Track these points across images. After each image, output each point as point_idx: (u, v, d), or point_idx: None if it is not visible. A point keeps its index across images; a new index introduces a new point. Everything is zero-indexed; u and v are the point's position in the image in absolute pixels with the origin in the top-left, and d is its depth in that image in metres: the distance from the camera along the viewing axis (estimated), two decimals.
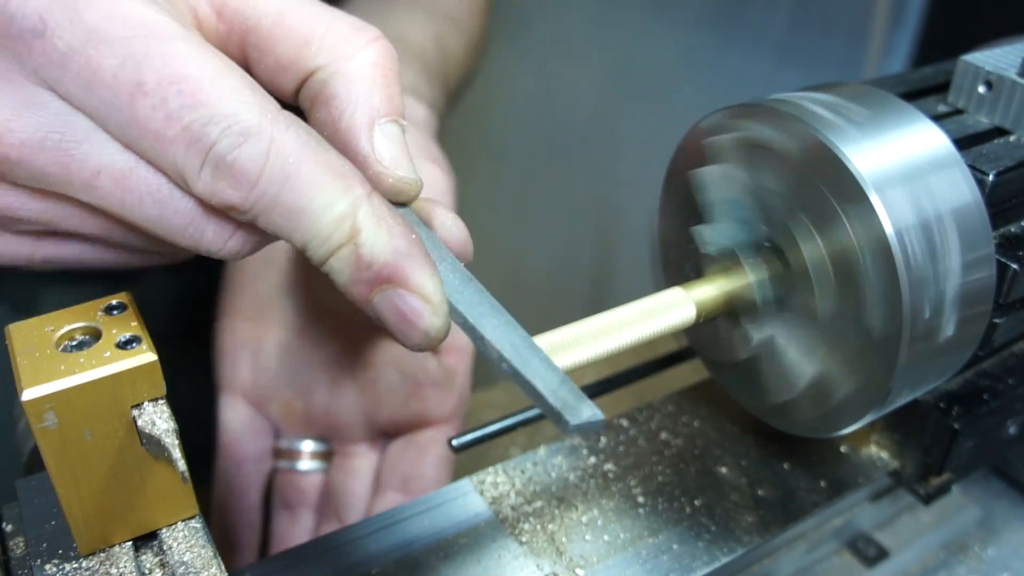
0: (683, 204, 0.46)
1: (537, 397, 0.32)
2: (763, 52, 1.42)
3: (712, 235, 0.44)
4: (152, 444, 0.35)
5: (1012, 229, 0.44)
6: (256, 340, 0.60)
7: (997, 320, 0.42)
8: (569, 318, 0.39)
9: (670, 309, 0.41)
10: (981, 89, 0.45)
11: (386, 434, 0.60)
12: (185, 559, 0.37)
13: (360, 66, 0.37)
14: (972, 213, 0.39)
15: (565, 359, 0.38)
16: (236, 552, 0.60)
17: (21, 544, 0.40)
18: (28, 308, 0.72)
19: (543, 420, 0.50)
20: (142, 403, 0.35)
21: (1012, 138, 0.44)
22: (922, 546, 0.55)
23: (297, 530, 0.60)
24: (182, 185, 0.33)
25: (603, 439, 0.51)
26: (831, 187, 0.38)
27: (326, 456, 0.61)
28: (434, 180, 0.52)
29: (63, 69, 0.32)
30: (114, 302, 0.36)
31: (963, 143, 0.43)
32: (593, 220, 1.79)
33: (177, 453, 0.34)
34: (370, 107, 0.37)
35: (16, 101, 0.33)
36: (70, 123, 0.33)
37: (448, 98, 0.75)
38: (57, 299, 0.75)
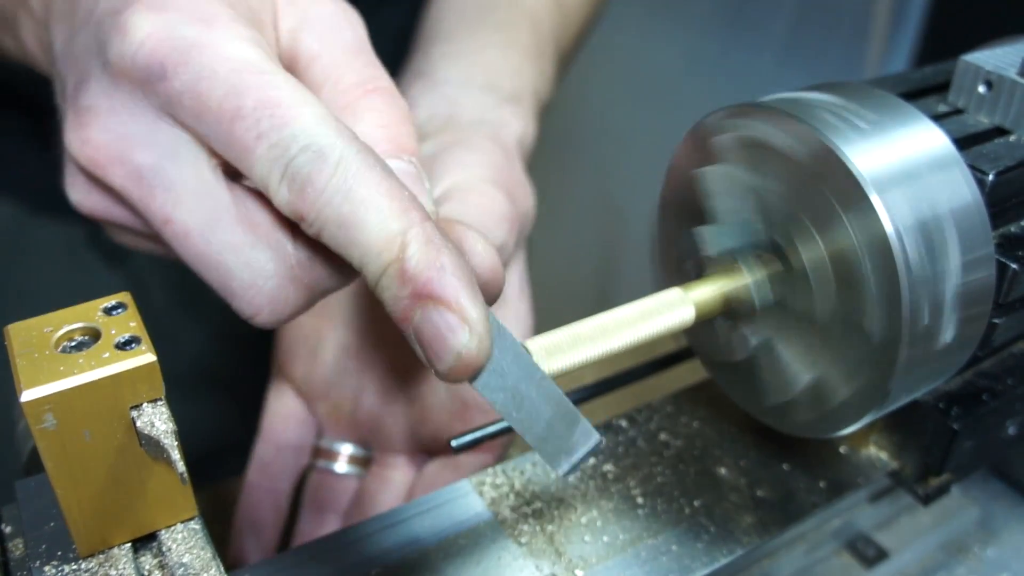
0: (683, 203, 0.46)
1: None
2: (767, 52, 1.42)
3: (713, 236, 0.44)
4: (151, 445, 0.35)
5: (1012, 229, 0.44)
6: (316, 336, 0.60)
7: (997, 320, 0.42)
8: (573, 317, 0.39)
9: (669, 309, 0.41)
10: (981, 89, 0.45)
11: (427, 451, 0.60)
12: (184, 560, 0.37)
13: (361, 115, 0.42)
14: (972, 213, 0.39)
15: (564, 360, 0.38)
16: (257, 534, 0.61)
17: (20, 545, 0.40)
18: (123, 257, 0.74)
19: None
20: (141, 404, 0.35)
21: (1012, 138, 0.44)
22: (921, 547, 0.55)
23: (322, 532, 0.60)
24: (264, 193, 0.38)
25: (602, 439, 0.51)
26: (831, 187, 0.38)
27: (364, 463, 0.61)
28: (489, 205, 0.52)
29: (179, 103, 0.38)
30: (113, 302, 0.36)
31: (963, 143, 0.43)
32: (597, 219, 1.79)
33: (176, 454, 0.34)
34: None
35: (143, 127, 0.39)
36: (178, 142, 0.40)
37: (562, 60, 0.74)
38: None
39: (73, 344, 0.35)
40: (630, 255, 1.75)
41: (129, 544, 0.38)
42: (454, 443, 0.47)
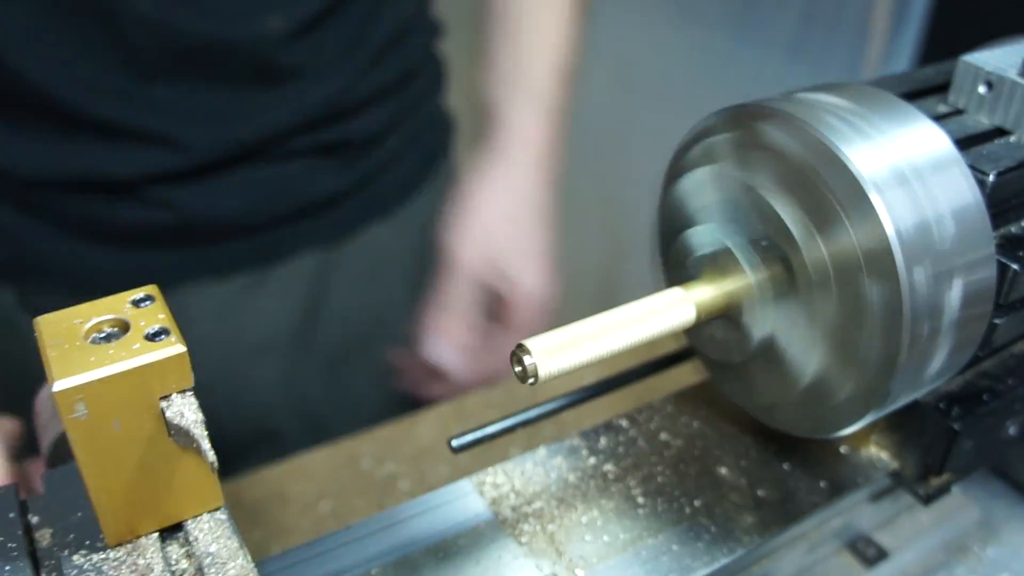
0: (684, 204, 0.46)
1: None
2: (773, 51, 1.42)
3: (709, 237, 0.44)
4: (180, 435, 0.35)
5: (1012, 229, 0.44)
6: None
7: (997, 320, 0.42)
8: (573, 317, 0.39)
9: (670, 309, 0.41)
10: (981, 89, 0.45)
11: None
12: (212, 550, 0.38)
13: None
14: (972, 213, 0.39)
15: (565, 360, 0.38)
16: None
17: (47, 536, 0.40)
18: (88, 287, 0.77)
19: (543, 420, 0.50)
20: (170, 395, 0.35)
21: (1012, 138, 0.44)
22: (922, 547, 0.55)
23: None
24: None
25: (603, 440, 0.51)
26: (831, 188, 0.38)
27: None
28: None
29: None
30: (142, 295, 0.37)
31: (963, 143, 0.43)
32: (602, 219, 1.79)
33: (206, 444, 0.35)
34: None
35: None
36: None
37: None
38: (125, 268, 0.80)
39: (102, 336, 0.35)
40: (631, 255, 1.75)
41: (156, 534, 0.39)
42: (454, 443, 0.47)
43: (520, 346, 0.37)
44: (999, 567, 0.55)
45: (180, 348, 0.35)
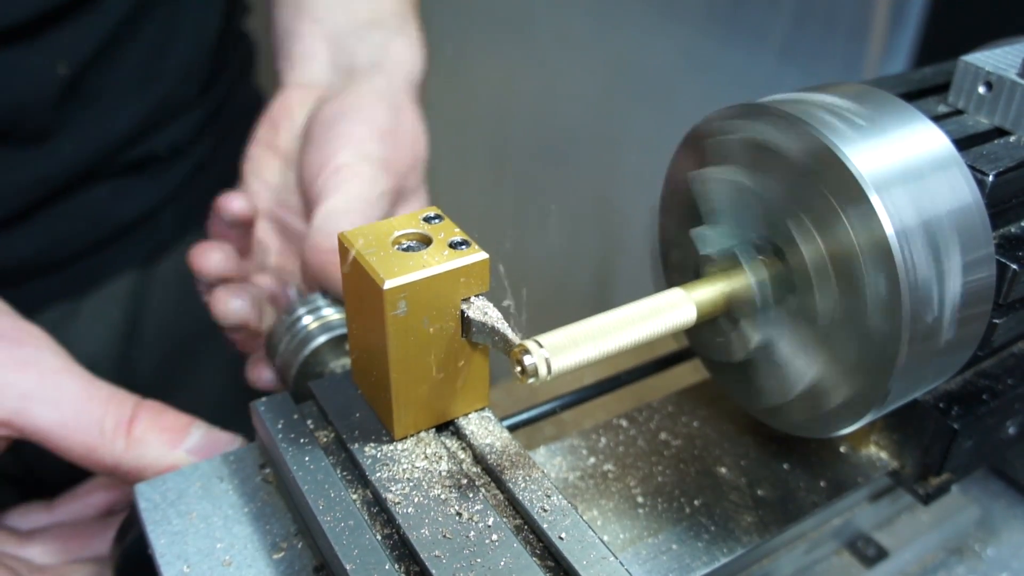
0: (683, 205, 0.47)
1: None
2: (765, 52, 1.42)
3: (712, 237, 0.44)
4: (482, 331, 0.39)
5: (1012, 229, 0.44)
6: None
7: (997, 320, 0.42)
8: (571, 318, 0.39)
9: (670, 309, 0.41)
10: (981, 90, 0.45)
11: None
12: (487, 442, 0.42)
13: None
14: (972, 213, 0.39)
15: (565, 360, 0.38)
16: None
17: (324, 435, 0.44)
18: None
19: (543, 420, 0.50)
20: (470, 297, 0.40)
21: (1012, 138, 0.44)
22: (921, 546, 0.55)
23: None
24: None
25: (603, 439, 0.51)
26: (831, 187, 0.38)
27: None
28: (365, 190, 0.57)
29: None
30: (432, 213, 0.41)
31: (963, 143, 0.43)
32: (595, 219, 1.79)
33: (511, 333, 0.38)
34: None
35: None
36: None
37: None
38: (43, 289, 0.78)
39: (404, 247, 0.40)
40: (630, 255, 1.75)
41: (433, 429, 0.43)
42: None
43: (521, 346, 0.37)
44: (999, 567, 0.55)
45: (484, 255, 0.39)
